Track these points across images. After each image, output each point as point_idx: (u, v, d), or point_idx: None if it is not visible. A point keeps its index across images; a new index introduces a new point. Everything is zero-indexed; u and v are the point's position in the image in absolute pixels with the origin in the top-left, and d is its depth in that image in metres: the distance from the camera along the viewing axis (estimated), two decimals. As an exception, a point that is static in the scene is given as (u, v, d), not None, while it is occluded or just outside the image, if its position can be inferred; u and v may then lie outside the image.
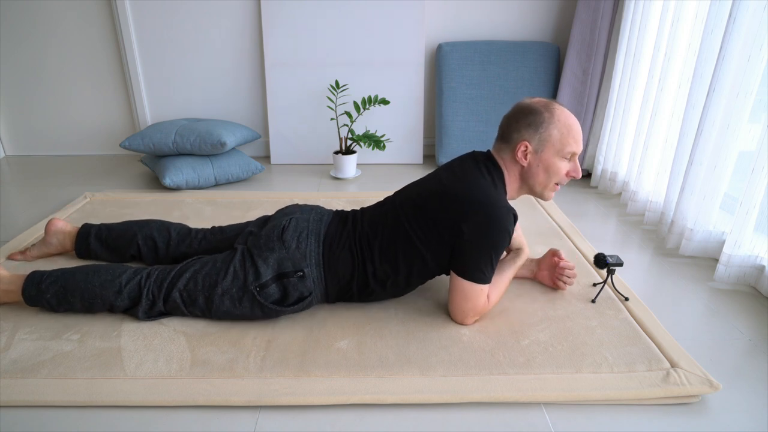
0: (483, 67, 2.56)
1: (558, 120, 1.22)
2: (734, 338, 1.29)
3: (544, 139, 1.23)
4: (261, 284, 1.24)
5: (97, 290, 1.27)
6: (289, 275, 1.25)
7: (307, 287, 1.27)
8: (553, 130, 1.22)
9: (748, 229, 1.49)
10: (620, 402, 1.07)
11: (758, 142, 1.43)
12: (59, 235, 1.60)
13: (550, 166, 1.25)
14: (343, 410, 1.05)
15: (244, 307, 1.25)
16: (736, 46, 1.48)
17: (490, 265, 1.22)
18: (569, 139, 1.23)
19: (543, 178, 1.27)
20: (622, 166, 2.23)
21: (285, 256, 1.26)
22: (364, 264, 1.29)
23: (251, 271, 1.25)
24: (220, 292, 1.25)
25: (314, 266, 1.27)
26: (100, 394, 1.06)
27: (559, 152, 1.24)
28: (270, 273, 1.25)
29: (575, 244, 1.77)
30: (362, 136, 2.47)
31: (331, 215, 1.39)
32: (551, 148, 1.23)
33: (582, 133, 1.24)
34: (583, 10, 2.36)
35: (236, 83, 2.74)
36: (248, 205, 2.13)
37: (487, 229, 1.19)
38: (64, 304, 1.29)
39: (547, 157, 1.24)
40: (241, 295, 1.24)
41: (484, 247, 1.20)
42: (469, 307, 1.26)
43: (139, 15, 2.58)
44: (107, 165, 2.72)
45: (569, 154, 1.24)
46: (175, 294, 1.26)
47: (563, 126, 1.22)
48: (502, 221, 1.19)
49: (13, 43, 2.64)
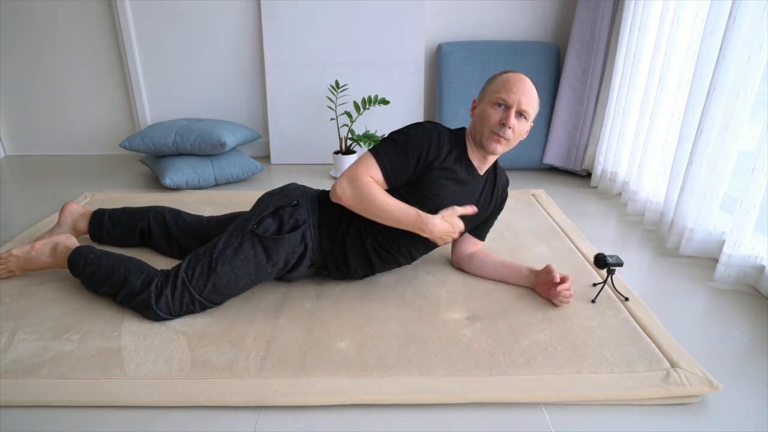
0: (483, 67, 2.56)
1: (500, 77, 1.33)
2: (734, 338, 1.29)
3: (485, 91, 1.35)
4: (258, 220, 1.33)
5: (128, 264, 1.35)
6: (285, 206, 1.36)
7: (301, 215, 1.35)
8: (492, 84, 1.34)
9: (748, 229, 1.49)
10: (620, 402, 1.07)
11: (758, 142, 1.43)
12: (73, 215, 1.68)
13: (482, 112, 1.34)
14: (343, 410, 1.05)
15: (246, 249, 1.30)
16: (736, 46, 1.48)
17: (390, 146, 1.32)
18: (501, 88, 1.31)
19: (479, 125, 1.35)
20: (622, 166, 2.23)
21: (282, 196, 1.39)
22: (352, 214, 1.36)
23: (249, 215, 1.36)
24: (221, 247, 1.31)
25: (308, 199, 1.39)
26: (100, 394, 1.06)
27: (490, 100, 1.32)
28: (268, 210, 1.35)
29: (575, 244, 1.77)
30: (362, 136, 2.47)
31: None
32: (486, 97, 1.34)
33: (524, 91, 1.30)
34: (583, 10, 2.36)
35: (236, 83, 2.74)
36: (248, 205, 2.13)
37: (411, 125, 1.35)
38: (95, 265, 1.36)
39: (482, 107, 1.35)
40: (240, 240, 1.31)
41: (393, 133, 1.34)
42: (349, 170, 1.32)
43: (139, 15, 2.58)
44: (107, 165, 2.72)
45: (499, 101, 1.31)
46: (182, 274, 1.29)
47: (500, 79, 1.32)
48: (422, 122, 1.35)
49: (13, 43, 2.65)
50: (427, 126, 1.34)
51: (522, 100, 1.29)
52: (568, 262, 1.65)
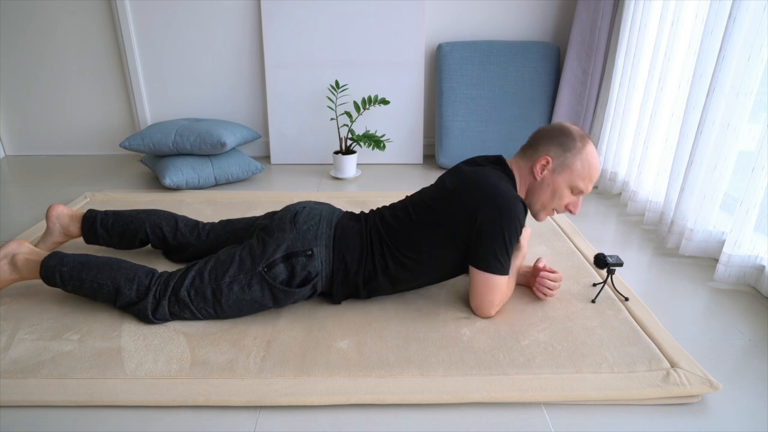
0: (483, 67, 2.56)
1: (586, 154, 1.26)
2: (734, 338, 1.29)
3: (567, 164, 1.26)
4: (269, 264, 1.25)
5: (113, 273, 1.28)
6: (298, 254, 1.26)
7: (315, 267, 1.27)
8: (577, 160, 1.26)
9: (748, 229, 1.49)
10: (620, 402, 1.07)
11: (758, 142, 1.42)
12: (61, 219, 1.58)
13: (557, 190, 1.28)
14: (343, 410, 1.05)
15: (254, 291, 1.25)
16: (736, 46, 1.48)
17: (506, 254, 1.24)
18: (586, 176, 1.27)
19: (547, 198, 1.30)
20: (622, 166, 2.23)
21: (296, 236, 1.28)
22: (372, 255, 1.30)
23: (259, 251, 1.26)
24: (228, 280, 1.25)
25: (323, 247, 1.29)
26: (100, 394, 1.06)
27: (571, 182, 1.27)
28: (279, 253, 1.26)
29: (575, 244, 1.77)
30: (362, 136, 2.47)
31: (343, 212, 1.43)
32: (568, 174, 1.27)
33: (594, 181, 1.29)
34: (583, 10, 2.36)
35: (236, 83, 2.74)
36: (248, 205, 2.13)
37: (498, 217, 1.21)
38: (75, 280, 1.28)
39: (559, 181, 1.28)
40: (249, 279, 1.25)
41: (497, 236, 1.22)
42: (490, 299, 1.27)
43: (139, 15, 2.58)
44: (107, 165, 2.72)
45: (577, 190, 1.28)
46: (183, 293, 1.25)
47: (587, 163, 1.26)
48: (512, 209, 1.21)
49: (13, 43, 2.65)
50: (520, 214, 1.23)
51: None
52: (568, 262, 1.65)
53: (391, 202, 2.15)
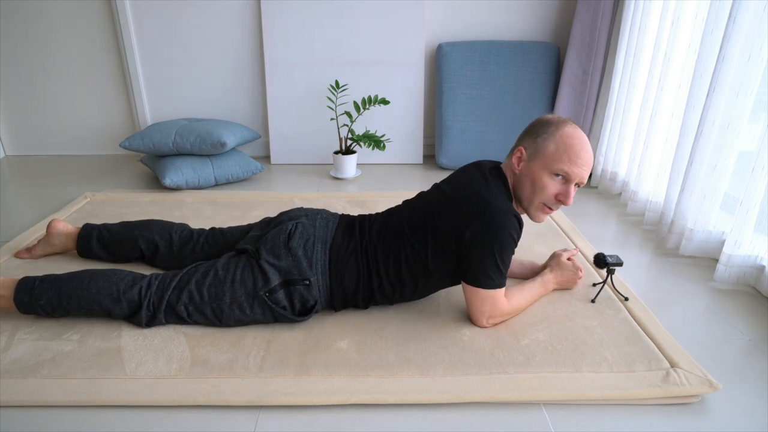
0: (483, 67, 2.56)
1: (561, 135, 1.18)
2: (734, 338, 1.29)
3: (539, 149, 1.20)
4: (270, 290, 1.24)
5: (94, 296, 1.24)
6: (296, 282, 1.25)
7: (313, 296, 1.26)
8: (550, 143, 1.19)
9: (748, 229, 1.49)
10: (620, 402, 1.07)
11: (758, 142, 1.42)
12: (61, 237, 1.61)
13: (536, 179, 1.20)
14: (343, 410, 1.05)
15: (256, 313, 1.25)
16: (736, 46, 1.48)
17: (496, 269, 1.19)
18: (563, 156, 1.17)
19: (528, 191, 1.23)
20: (622, 166, 2.23)
21: (291, 263, 1.25)
22: (369, 276, 1.29)
23: (260, 277, 1.24)
24: (229, 301, 1.24)
25: (320, 275, 1.27)
26: (100, 394, 1.06)
27: (548, 167, 1.19)
28: (277, 279, 1.24)
29: (575, 244, 1.77)
30: (362, 136, 2.47)
31: (337, 220, 1.38)
32: (541, 160, 1.19)
33: (587, 161, 1.17)
34: (583, 10, 2.36)
35: (236, 83, 2.74)
36: (248, 205, 2.13)
37: (487, 233, 1.17)
38: (59, 310, 1.25)
39: (535, 169, 1.20)
40: (251, 302, 1.24)
41: (486, 251, 1.18)
42: (481, 311, 1.25)
43: (139, 15, 2.58)
44: (107, 165, 2.72)
45: (560, 172, 1.18)
46: (180, 308, 1.25)
47: (562, 143, 1.18)
48: (503, 224, 1.16)
49: (14, 43, 2.64)
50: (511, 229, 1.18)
51: (585, 175, 1.18)
52: (568, 262, 1.65)
53: (390, 204, 2.15)
